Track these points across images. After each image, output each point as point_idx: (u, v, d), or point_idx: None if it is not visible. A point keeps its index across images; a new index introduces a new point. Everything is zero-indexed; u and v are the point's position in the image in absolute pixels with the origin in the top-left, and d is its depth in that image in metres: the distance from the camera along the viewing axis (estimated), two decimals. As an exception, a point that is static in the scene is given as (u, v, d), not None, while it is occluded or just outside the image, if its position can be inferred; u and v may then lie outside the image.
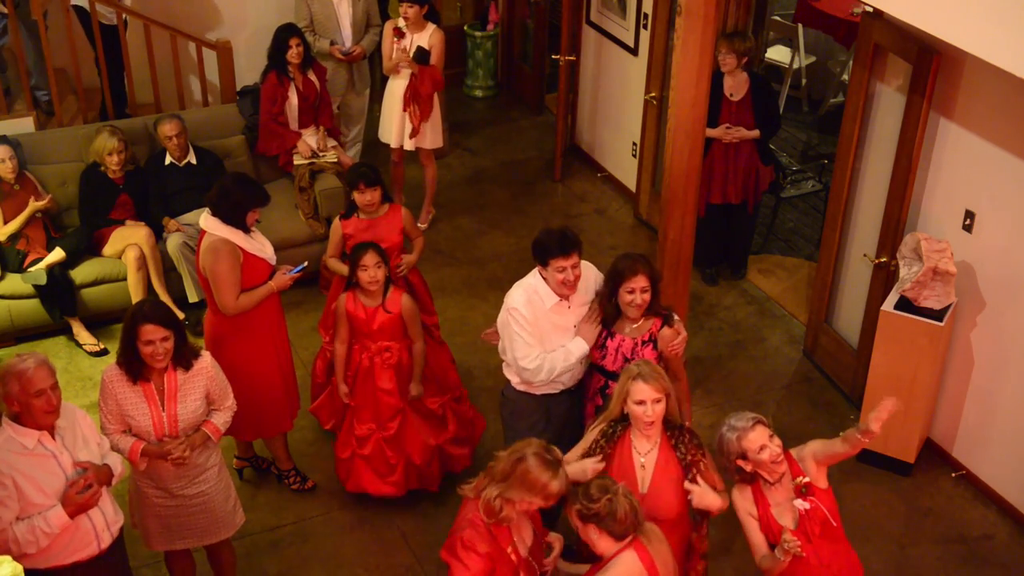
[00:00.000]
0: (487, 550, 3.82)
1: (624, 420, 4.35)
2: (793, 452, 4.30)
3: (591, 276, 5.00)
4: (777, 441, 4.18)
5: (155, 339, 4.39)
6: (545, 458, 3.83)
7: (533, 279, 4.88)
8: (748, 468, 4.22)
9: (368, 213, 5.84)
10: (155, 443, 4.54)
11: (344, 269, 5.87)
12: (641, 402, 4.21)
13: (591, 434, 4.42)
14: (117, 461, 4.39)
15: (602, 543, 3.82)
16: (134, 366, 4.46)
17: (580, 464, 4.26)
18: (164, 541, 4.87)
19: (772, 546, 4.25)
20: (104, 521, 4.29)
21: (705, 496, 4.27)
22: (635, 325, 4.84)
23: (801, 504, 4.18)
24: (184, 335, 4.56)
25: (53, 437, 4.13)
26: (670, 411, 4.28)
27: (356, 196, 5.79)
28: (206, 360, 4.62)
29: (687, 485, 4.28)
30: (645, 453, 4.30)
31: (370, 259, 5.31)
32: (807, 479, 4.20)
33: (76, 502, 4.10)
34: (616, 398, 4.33)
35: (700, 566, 4.59)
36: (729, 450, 4.22)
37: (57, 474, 4.12)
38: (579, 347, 4.86)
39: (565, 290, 4.80)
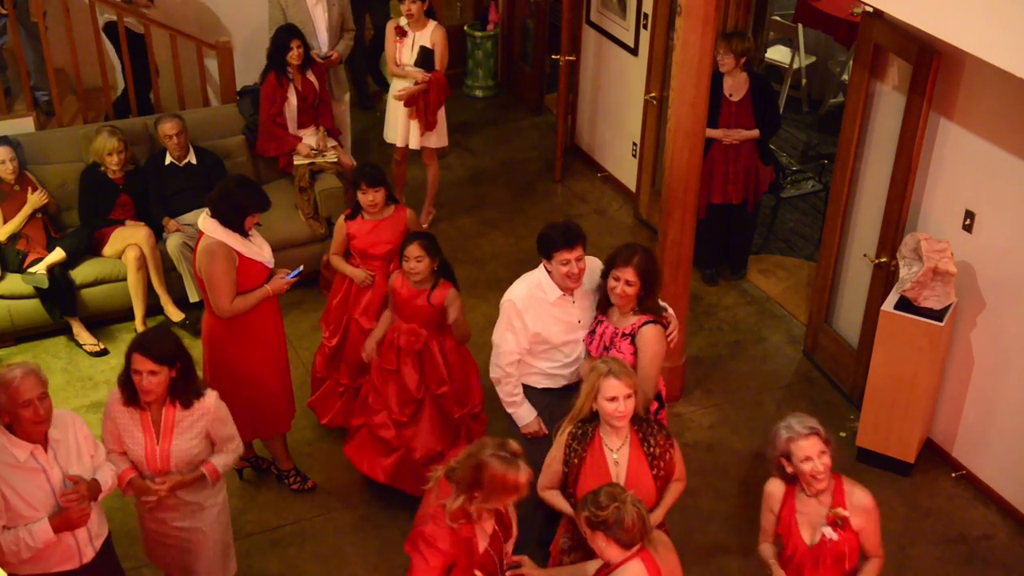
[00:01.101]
0: (447, 547, 3.84)
1: (592, 419, 4.34)
2: (846, 485, 4.22)
3: (596, 272, 5.02)
4: (826, 460, 4.12)
5: (142, 370, 4.27)
6: (503, 457, 3.84)
7: (538, 273, 4.91)
8: (788, 470, 4.20)
9: (372, 214, 5.83)
10: (147, 475, 4.46)
11: (346, 268, 5.87)
12: (613, 399, 4.20)
13: (561, 438, 4.41)
14: (109, 475, 4.33)
15: (610, 551, 3.81)
16: (127, 390, 4.38)
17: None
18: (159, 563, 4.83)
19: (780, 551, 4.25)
20: (87, 535, 4.24)
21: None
22: (622, 315, 4.82)
23: (830, 533, 4.14)
24: (187, 372, 4.41)
25: (46, 450, 4.09)
26: (646, 399, 4.28)
27: (359, 196, 5.77)
28: (209, 401, 4.48)
29: None
30: (617, 449, 4.31)
31: (411, 251, 5.33)
32: (846, 513, 4.15)
33: (65, 517, 4.05)
34: (585, 397, 4.31)
35: None
36: (776, 445, 4.20)
37: (45, 489, 4.08)
38: (524, 416, 5.05)
39: (569, 283, 4.82)
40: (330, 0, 7.83)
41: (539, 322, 4.87)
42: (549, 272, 4.85)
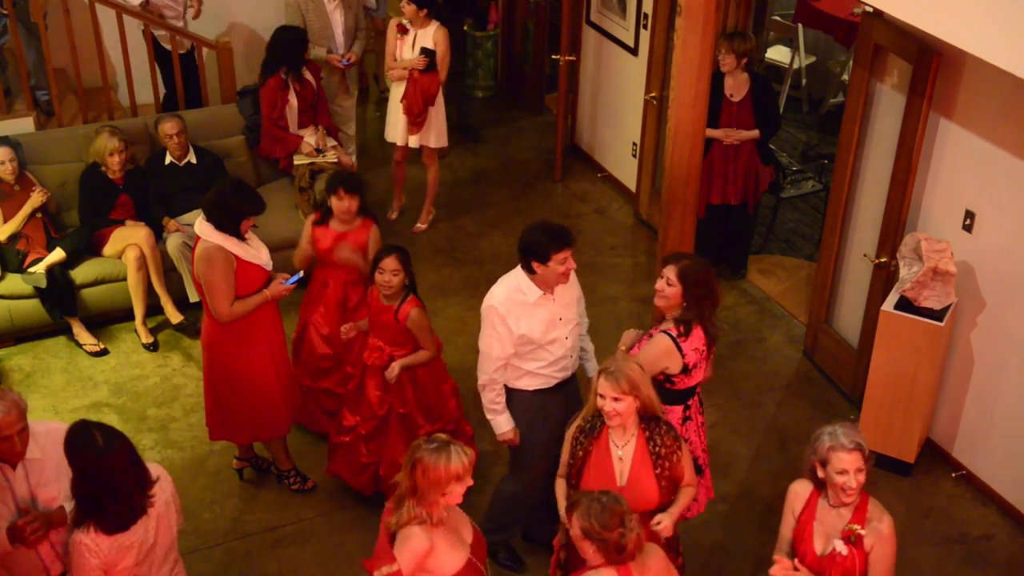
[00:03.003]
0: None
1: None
2: (871, 506, 4.17)
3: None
4: (861, 478, 4.07)
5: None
6: (431, 448, 3.82)
7: (515, 276, 4.89)
8: (820, 475, 4.15)
9: (342, 222, 5.79)
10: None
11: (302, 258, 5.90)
12: (600, 396, 4.23)
13: (570, 431, 4.44)
14: None
15: (595, 558, 3.81)
16: None
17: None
18: None
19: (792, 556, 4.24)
20: (52, 552, 4.10)
21: (668, 526, 4.29)
22: (655, 321, 4.95)
23: (841, 547, 4.11)
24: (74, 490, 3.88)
25: (14, 468, 4.02)
26: (644, 405, 4.27)
27: (334, 201, 5.72)
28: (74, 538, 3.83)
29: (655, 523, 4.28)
30: (623, 446, 4.31)
31: (388, 264, 5.28)
32: (862, 531, 4.12)
33: (20, 536, 3.97)
34: (593, 392, 4.34)
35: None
36: (816, 449, 4.14)
37: (8, 505, 4.01)
38: (501, 425, 5.05)
39: (563, 280, 4.83)
40: (347, 3, 7.86)
41: (523, 324, 4.86)
42: (532, 274, 4.82)
